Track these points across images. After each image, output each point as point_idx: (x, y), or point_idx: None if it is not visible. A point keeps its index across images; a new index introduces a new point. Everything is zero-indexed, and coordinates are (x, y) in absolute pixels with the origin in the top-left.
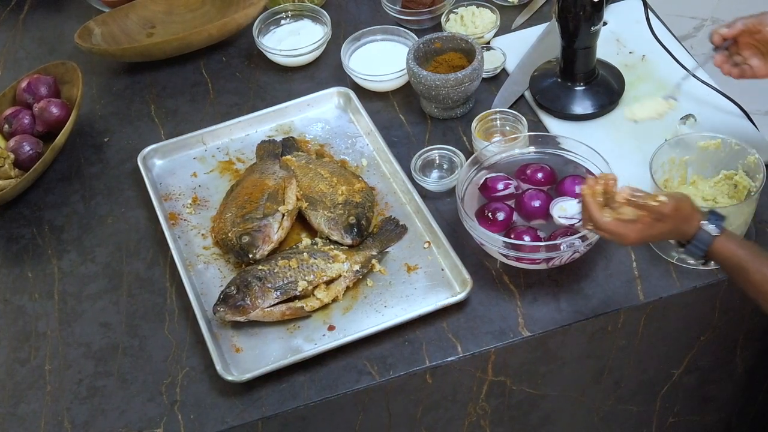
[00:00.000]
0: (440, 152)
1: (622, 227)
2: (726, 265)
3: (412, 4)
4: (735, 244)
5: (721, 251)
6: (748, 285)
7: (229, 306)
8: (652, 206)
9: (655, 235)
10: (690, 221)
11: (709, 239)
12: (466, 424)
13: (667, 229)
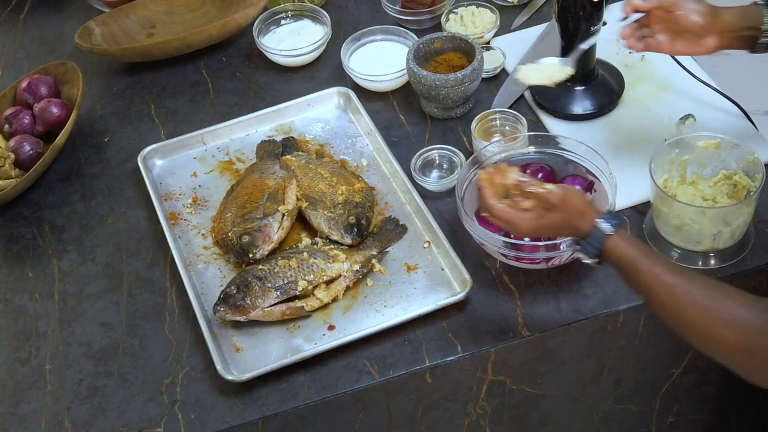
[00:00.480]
0: (440, 152)
1: (513, 215)
2: (619, 265)
3: (412, 4)
4: (628, 244)
5: (614, 250)
6: (639, 285)
7: (229, 306)
8: (540, 193)
9: (548, 226)
10: (584, 217)
11: (602, 237)
12: (465, 424)
13: (559, 220)
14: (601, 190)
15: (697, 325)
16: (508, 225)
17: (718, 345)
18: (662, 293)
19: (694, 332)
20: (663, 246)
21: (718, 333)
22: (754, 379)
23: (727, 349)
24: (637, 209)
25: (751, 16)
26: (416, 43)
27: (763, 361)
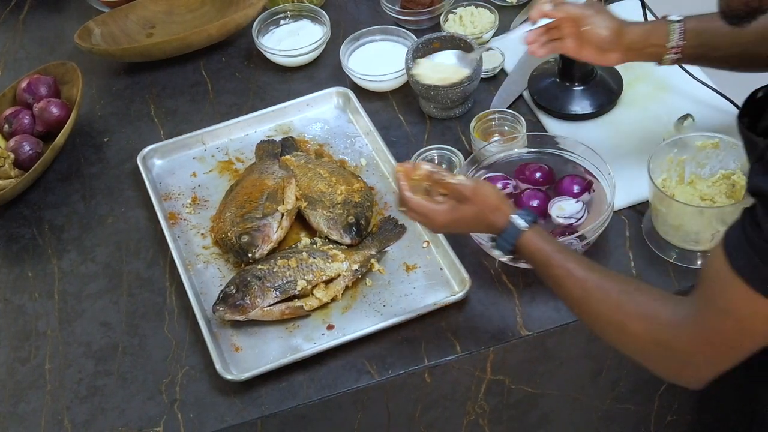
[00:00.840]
0: (439, 152)
1: (428, 207)
2: (533, 260)
3: (411, 4)
4: (542, 240)
5: (528, 246)
6: (552, 280)
7: (228, 305)
8: (451, 184)
9: (462, 219)
10: (498, 212)
11: (516, 233)
12: (464, 423)
13: (472, 213)
14: (599, 189)
15: (608, 318)
16: (424, 218)
17: (629, 338)
18: (575, 287)
19: (605, 326)
20: (661, 245)
21: (629, 326)
22: (662, 373)
23: (637, 341)
24: (635, 209)
25: (659, 33)
26: (415, 43)
27: (672, 354)
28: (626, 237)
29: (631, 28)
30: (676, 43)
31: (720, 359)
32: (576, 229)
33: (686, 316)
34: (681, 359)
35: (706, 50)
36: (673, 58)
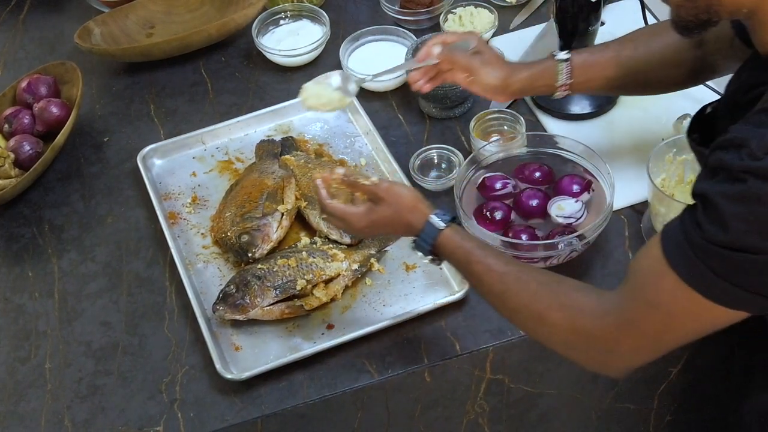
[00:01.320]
0: (439, 152)
1: (346, 211)
2: (453, 259)
3: (411, 4)
4: (461, 237)
5: (447, 244)
6: (473, 276)
7: (228, 305)
8: (365, 185)
9: (380, 221)
10: (415, 212)
11: (435, 232)
12: (464, 423)
13: (389, 214)
14: (599, 189)
15: (528, 309)
16: (342, 222)
17: (549, 328)
18: (495, 282)
19: (526, 318)
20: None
21: (549, 316)
22: (585, 362)
23: (558, 331)
24: (635, 209)
25: (546, 74)
26: (415, 43)
27: (593, 343)
28: (625, 237)
29: (517, 76)
30: (564, 82)
31: (643, 350)
32: (575, 229)
33: (610, 305)
34: (603, 348)
35: (596, 82)
36: (563, 94)
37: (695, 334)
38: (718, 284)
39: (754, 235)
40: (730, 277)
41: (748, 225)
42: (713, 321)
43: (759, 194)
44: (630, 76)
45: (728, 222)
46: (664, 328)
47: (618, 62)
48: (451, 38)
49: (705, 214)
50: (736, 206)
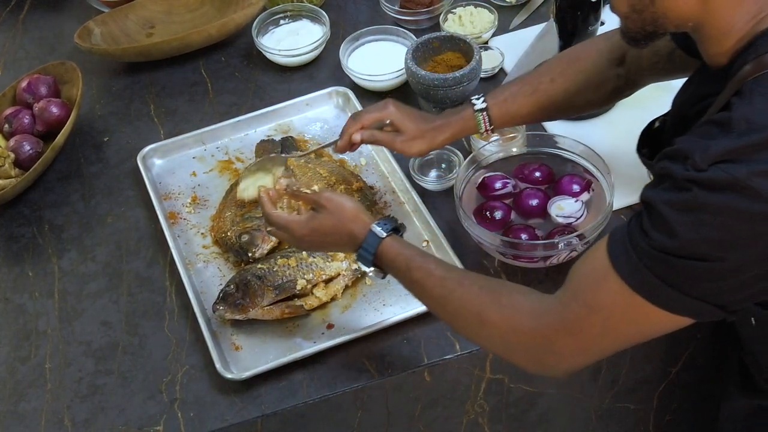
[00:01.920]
0: (438, 152)
1: (286, 219)
2: (394, 267)
3: (411, 4)
4: (402, 245)
5: (388, 253)
6: (413, 283)
7: (228, 304)
8: (306, 194)
9: (321, 229)
10: (357, 222)
11: (376, 241)
12: (464, 422)
13: (331, 224)
14: (599, 189)
15: (468, 312)
16: (285, 230)
17: (489, 330)
18: (436, 286)
19: (466, 321)
20: None
21: (489, 317)
22: (525, 362)
23: (497, 332)
24: (634, 208)
25: (468, 126)
26: (415, 42)
27: (533, 343)
28: None
29: (438, 139)
30: (484, 129)
31: (583, 352)
32: (575, 229)
33: (550, 306)
34: (542, 348)
35: (519, 120)
36: (486, 136)
37: (637, 339)
38: (663, 289)
39: (701, 243)
40: (675, 283)
41: (695, 233)
42: (656, 326)
43: (703, 203)
44: (552, 107)
45: (675, 229)
46: (603, 331)
47: (537, 99)
48: (368, 121)
49: (651, 221)
50: (681, 215)
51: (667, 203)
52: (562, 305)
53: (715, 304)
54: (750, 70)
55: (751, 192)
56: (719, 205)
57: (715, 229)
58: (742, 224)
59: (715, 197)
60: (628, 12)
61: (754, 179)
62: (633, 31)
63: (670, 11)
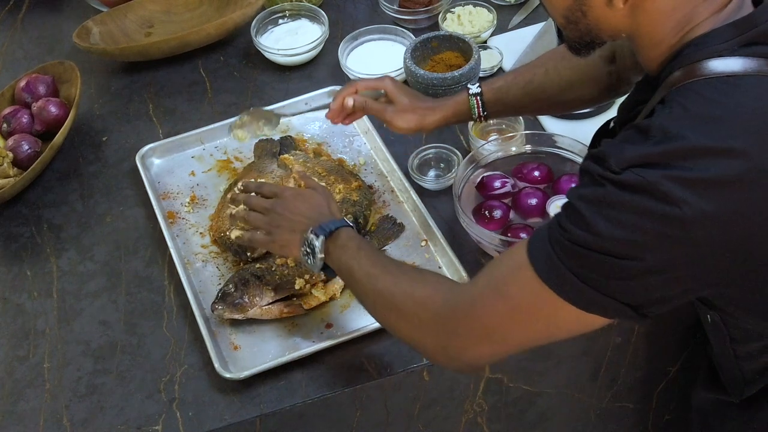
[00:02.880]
0: (437, 151)
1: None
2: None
3: (410, 3)
4: (356, 236)
5: (343, 234)
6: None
7: (227, 304)
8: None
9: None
10: (335, 212)
11: (341, 223)
12: (463, 422)
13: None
14: None
15: (384, 296)
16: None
17: (405, 321)
18: (362, 280)
19: (384, 313)
20: None
21: (403, 302)
22: (427, 347)
23: (406, 316)
24: None
25: (460, 110)
26: (413, 42)
27: (436, 325)
28: None
29: (430, 119)
30: (478, 114)
31: (487, 338)
32: None
33: (461, 289)
34: (446, 329)
35: (511, 110)
36: (481, 122)
37: (545, 335)
38: (572, 282)
39: (611, 238)
40: (585, 277)
41: (606, 228)
42: (563, 322)
43: (615, 201)
44: (544, 101)
45: (589, 222)
46: (509, 319)
47: (530, 90)
48: (362, 87)
49: (567, 215)
50: (594, 208)
51: (582, 198)
52: (473, 287)
53: (624, 302)
54: (676, 78)
55: (661, 195)
56: (630, 204)
57: (626, 227)
58: (651, 224)
59: (626, 196)
60: (564, 23)
61: (665, 183)
62: (572, 40)
63: (601, 23)
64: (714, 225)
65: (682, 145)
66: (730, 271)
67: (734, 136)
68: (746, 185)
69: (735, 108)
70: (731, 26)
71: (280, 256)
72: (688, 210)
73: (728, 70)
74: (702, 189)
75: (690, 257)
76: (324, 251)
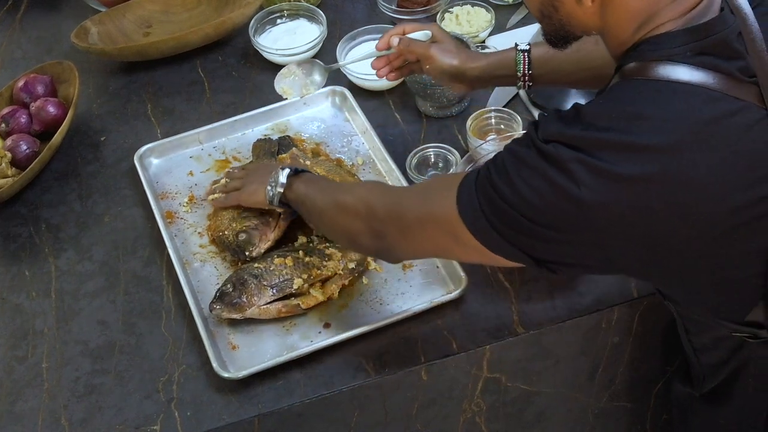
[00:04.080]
0: (435, 151)
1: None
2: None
3: (408, 3)
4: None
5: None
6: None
7: (225, 304)
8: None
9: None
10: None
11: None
12: (461, 421)
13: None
14: None
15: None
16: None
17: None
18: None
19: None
20: None
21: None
22: (384, 257)
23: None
24: None
25: (505, 64)
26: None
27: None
28: None
29: (474, 63)
30: (523, 71)
31: (403, 240)
32: None
33: (397, 190)
34: (376, 226)
35: (556, 75)
36: (525, 84)
37: (452, 252)
38: (483, 223)
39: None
40: (494, 222)
41: (519, 184)
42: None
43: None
44: (590, 71)
45: (508, 175)
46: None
47: (578, 57)
48: (410, 28)
49: (495, 163)
50: (515, 163)
51: (511, 152)
52: (405, 191)
53: (526, 253)
54: (629, 70)
55: (568, 172)
56: (542, 171)
57: (533, 189)
58: (552, 195)
59: (541, 163)
60: (540, 16)
61: (575, 164)
62: (548, 34)
63: (572, 19)
64: (613, 215)
65: (603, 137)
66: (647, 263)
67: (655, 136)
68: (655, 185)
69: (666, 112)
70: (688, 32)
71: (250, 205)
72: (587, 193)
73: (674, 77)
74: (606, 179)
75: (590, 238)
76: (287, 185)
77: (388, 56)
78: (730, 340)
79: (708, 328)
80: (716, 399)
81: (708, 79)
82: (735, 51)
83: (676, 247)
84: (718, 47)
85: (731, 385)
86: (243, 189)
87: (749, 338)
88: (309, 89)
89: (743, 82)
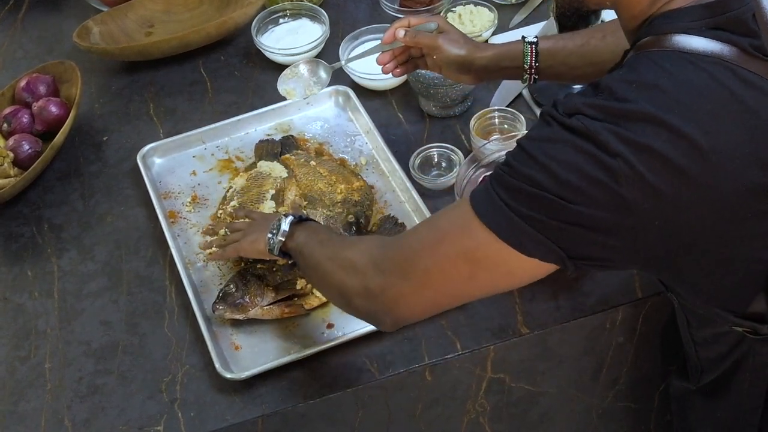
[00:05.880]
0: (439, 150)
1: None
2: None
3: (411, 2)
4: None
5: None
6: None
7: (228, 304)
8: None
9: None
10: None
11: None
12: (465, 421)
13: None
14: None
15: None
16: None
17: (347, 294)
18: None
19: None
20: None
21: (343, 281)
22: (378, 322)
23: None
24: None
25: (512, 56)
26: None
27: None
28: None
29: (481, 54)
30: (530, 64)
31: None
32: None
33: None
34: (376, 280)
35: (563, 69)
36: (531, 78)
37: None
38: (507, 217)
39: (550, 173)
40: (521, 212)
41: (547, 162)
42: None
43: (559, 137)
44: (597, 65)
45: (532, 156)
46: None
47: (585, 51)
48: (415, 20)
49: (512, 154)
50: (536, 143)
51: (529, 137)
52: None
53: (556, 243)
54: (644, 43)
55: (601, 143)
56: (572, 143)
57: (564, 165)
58: (588, 167)
59: (569, 135)
60: None
61: (605, 133)
62: (562, 8)
63: None
64: (644, 188)
65: (624, 107)
66: (663, 250)
67: (671, 109)
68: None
69: (681, 83)
70: (704, 7)
71: (250, 255)
72: (623, 164)
73: (689, 47)
74: (635, 150)
75: (621, 219)
76: (289, 234)
77: (393, 51)
78: (731, 335)
79: (710, 322)
80: (713, 393)
81: (724, 51)
82: (750, 29)
83: (693, 224)
84: (732, 23)
85: (729, 379)
86: (243, 239)
87: (749, 333)
88: (313, 89)
89: (758, 58)
